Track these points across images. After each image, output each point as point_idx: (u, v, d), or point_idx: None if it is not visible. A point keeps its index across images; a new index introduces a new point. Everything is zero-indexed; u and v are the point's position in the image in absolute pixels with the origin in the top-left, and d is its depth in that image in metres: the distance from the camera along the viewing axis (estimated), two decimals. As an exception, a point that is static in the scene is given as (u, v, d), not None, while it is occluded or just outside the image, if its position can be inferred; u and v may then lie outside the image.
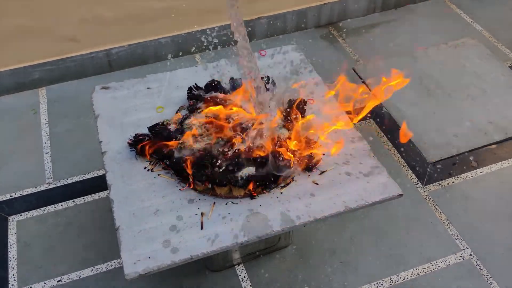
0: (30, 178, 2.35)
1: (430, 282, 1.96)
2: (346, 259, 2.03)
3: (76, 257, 2.05)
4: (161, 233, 1.49)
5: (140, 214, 1.54)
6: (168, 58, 2.99)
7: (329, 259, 2.03)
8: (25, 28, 2.60)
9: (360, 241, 2.09)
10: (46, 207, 2.24)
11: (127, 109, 1.88)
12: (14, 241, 2.12)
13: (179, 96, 1.92)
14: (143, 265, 1.41)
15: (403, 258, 2.04)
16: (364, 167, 1.67)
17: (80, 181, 2.34)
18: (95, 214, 2.20)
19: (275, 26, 3.12)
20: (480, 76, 2.62)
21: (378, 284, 1.96)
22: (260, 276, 1.97)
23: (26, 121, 2.64)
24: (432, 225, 2.15)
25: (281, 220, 1.51)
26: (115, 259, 2.04)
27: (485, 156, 2.38)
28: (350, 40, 3.14)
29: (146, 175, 1.65)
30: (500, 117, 2.41)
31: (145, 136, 1.71)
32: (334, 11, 3.22)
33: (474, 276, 1.97)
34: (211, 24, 2.96)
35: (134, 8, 2.73)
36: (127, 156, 1.71)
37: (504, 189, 2.28)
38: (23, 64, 2.74)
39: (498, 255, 2.04)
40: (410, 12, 3.35)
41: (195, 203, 1.57)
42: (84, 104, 2.71)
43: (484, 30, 3.18)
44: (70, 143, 2.51)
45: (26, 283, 1.98)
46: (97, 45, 2.81)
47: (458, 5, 3.39)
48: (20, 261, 2.05)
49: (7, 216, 2.21)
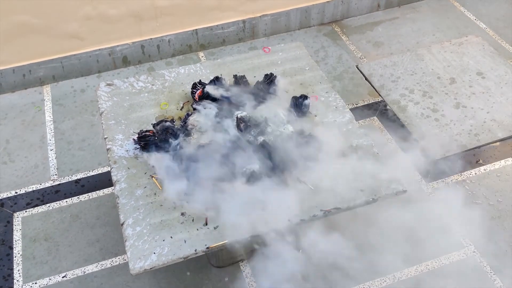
0: (34, 175, 2.36)
1: (434, 278, 1.96)
2: (348, 255, 2.03)
3: (80, 253, 2.06)
4: (166, 228, 1.50)
5: (145, 210, 1.55)
6: (172, 56, 3.00)
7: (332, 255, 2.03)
8: (29, 26, 2.61)
9: (363, 237, 2.10)
10: (51, 204, 2.25)
11: (132, 106, 1.89)
12: (19, 237, 2.13)
13: (183, 93, 1.93)
14: (148, 260, 1.42)
15: (407, 254, 2.04)
16: (368, 163, 1.67)
17: (84, 177, 2.35)
18: (100, 210, 2.21)
19: (279, 24, 3.13)
20: (484, 74, 2.62)
21: (381, 280, 1.96)
22: (263, 272, 1.98)
23: (30, 118, 2.65)
24: (435, 221, 2.15)
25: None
26: (119, 255, 2.05)
27: (489, 153, 2.38)
28: (353, 37, 3.14)
29: (150, 171, 1.65)
30: (504, 115, 2.41)
31: (150, 132, 1.72)
32: (337, 9, 3.22)
33: (478, 273, 1.97)
34: (214, 22, 2.97)
35: (137, 6, 2.74)
36: (132, 152, 1.72)
37: (508, 186, 2.28)
38: (27, 62, 2.75)
39: (502, 252, 2.04)
40: (413, 9, 3.35)
41: (198, 199, 1.57)
42: (88, 101, 2.72)
43: (488, 28, 3.18)
44: (74, 140, 2.52)
45: (31, 278, 1.99)
46: (101, 42, 2.82)
47: (462, 3, 3.39)
48: (25, 257, 2.06)
49: (12, 213, 2.22)
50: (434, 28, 3.18)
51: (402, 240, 2.08)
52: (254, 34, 3.11)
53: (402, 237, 2.09)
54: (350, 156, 1.71)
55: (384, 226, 2.15)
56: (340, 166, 1.67)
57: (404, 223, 2.14)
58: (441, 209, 2.20)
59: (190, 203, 1.56)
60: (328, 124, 1.81)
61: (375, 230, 2.13)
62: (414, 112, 2.44)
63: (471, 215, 2.18)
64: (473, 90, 2.54)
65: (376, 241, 2.09)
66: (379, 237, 2.10)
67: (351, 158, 1.71)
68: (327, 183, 1.62)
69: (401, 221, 2.15)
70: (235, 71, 2.00)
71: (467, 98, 2.50)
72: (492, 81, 2.58)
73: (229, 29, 3.02)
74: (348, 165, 1.68)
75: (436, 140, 2.30)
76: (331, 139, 1.73)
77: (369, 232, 2.12)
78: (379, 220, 2.17)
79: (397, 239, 2.09)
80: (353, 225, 2.17)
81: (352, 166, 1.67)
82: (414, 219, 2.16)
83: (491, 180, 2.32)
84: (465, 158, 2.32)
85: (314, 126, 1.78)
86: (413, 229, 2.12)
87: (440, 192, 2.27)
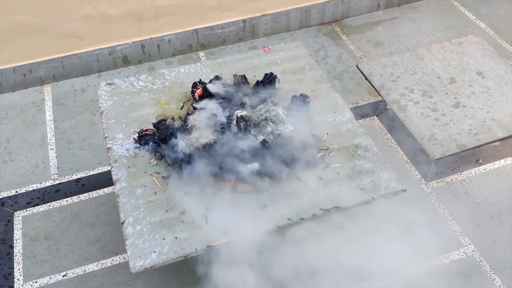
0: (35, 174, 2.36)
1: (434, 278, 1.96)
2: (348, 254, 2.03)
3: (81, 252, 2.07)
4: (166, 227, 1.50)
5: (145, 209, 1.55)
6: (172, 55, 3.00)
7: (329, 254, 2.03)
8: (30, 26, 2.61)
9: (363, 236, 2.10)
10: (51, 203, 2.25)
11: (132, 105, 1.89)
12: (20, 236, 2.13)
13: (183, 92, 1.93)
14: (148, 259, 1.42)
15: (407, 253, 2.04)
16: (367, 163, 1.68)
17: (85, 176, 2.35)
18: (100, 210, 2.21)
19: (279, 23, 3.13)
20: (484, 74, 2.63)
21: (381, 279, 1.96)
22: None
23: (31, 117, 2.65)
24: (435, 221, 2.15)
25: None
26: (119, 254, 2.05)
27: (489, 153, 2.39)
28: (353, 37, 3.14)
29: (151, 170, 1.66)
30: (503, 114, 2.41)
31: (150, 131, 1.72)
32: (337, 9, 3.23)
33: (477, 272, 1.98)
34: (215, 22, 2.97)
35: (138, 6, 2.74)
36: (132, 151, 1.72)
37: (507, 185, 2.29)
38: (28, 61, 2.75)
39: (501, 251, 2.05)
40: (413, 9, 3.35)
41: (199, 198, 1.58)
42: (88, 100, 2.72)
43: (488, 28, 3.18)
44: (75, 139, 2.52)
45: (32, 277, 2.00)
46: (102, 42, 2.82)
47: (462, 3, 3.39)
48: (25, 256, 2.06)
49: (13, 212, 2.22)
50: (434, 28, 3.18)
51: (401, 240, 2.08)
52: (254, 34, 3.12)
53: (401, 237, 2.10)
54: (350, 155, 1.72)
55: (384, 226, 2.15)
56: (339, 165, 1.68)
57: (404, 222, 2.15)
58: (440, 209, 2.20)
59: (190, 202, 1.57)
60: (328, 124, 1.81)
61: (374, 229, 2.13)
62: (414, 111, 2.45)
63: (471, 215, 2.18)
64: (473, 89, 2.55)
65: (376, 241, 2.09)
66: (379, 236, 2.10)
67: (351, 157, 1.71)
68: (327, 182, 1.63)
69: (401, 220, 2.15)
70: (235, 71, 2.00)
71: (467, 97, 2.51)
72: (492, 81, 2.58)
73: (229, 29, 3.02)
74: (348, 164, 1.68)
75: (435, 139, 2.31)
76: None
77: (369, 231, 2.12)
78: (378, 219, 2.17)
79: (397, 239, 2.09)
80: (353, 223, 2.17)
81: (352, 165, 1.68)
82: (414, 218, 2.17)
83: (490, 179, 2.32)
84: (464, 157, 2.33)
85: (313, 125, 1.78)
86: (413, 229, 2.13)
87: (439, 191, 2.27)
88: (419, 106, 2.47)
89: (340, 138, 1.76)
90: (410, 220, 2.16)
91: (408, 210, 2.18)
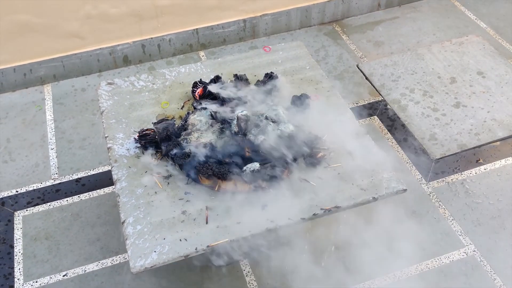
0: (35, 174, 2.36)
1: (434, 278, 1.96)
2: (350, 254, 2.03)
3: (81, 251, 2.07)
4: (167, 227, 1.50)
5: (146, 209, 1.55)
6: (173, 55, 3.00)
7: (332, 254, 2.03)
8: (30, 26, 2.61)
9: (363, 236, 2.10)
10: (52, 202, 2.25)
11: (132, 105, 1.89)
12: (20, 236, 2.13)
13: (184, 92, 1.93)
14: (149, 259, 1.42)
15: (407, 253, 2.04)
16: (368, 162, 1.68)
17: (85, 176, 2.35)
18: (100, 209, 2.21)
19: (280, 23, 3.13)
20: (484, 73, 2.62)
21: (381, 279, 1.96)
22: (264, 270, 1.98)
23: (31, 117, 2.65)
24: (435, 221, 2.15)
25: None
26: (120, 254, 2.05)
27: (489, 152, 2.39)
28: (354, 37, 3.14)
29: (151, 170, 1.66)
30: (504, 114, 2.41)
31: (151, 131, 1.72)
32: (338, 8, 3.22)
33: (478, 272, 1.98)
34: (215, 21, 2.97)
35: (138, 5, 2.74)
36: (132, 151, 1.72)
37: (508, 185, 2.29)
38: (28, 61, 2.75)
39: (502, 251, 2.05)
40: (414, 9, 3.35)
41: (199, 198, 1.58)
42: (89, 100, 2.72)
43: (489, 27, 3.18)
44: (75, 139, 2.52)
45: (32, 277, 1.99)
46: (102, 41, 2.82)
47: (463, 2, 3.39)
48: (25, 256, 2.06)
49: (13, 211, 2.22)
50: (434, 28, 3.18)
51: (401, 239, 2.08)
52: (254, 34, 3.12)
53: (401, 236, 2.10)
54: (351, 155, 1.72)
55: (383, 225, 2.15)
56: (340, 165, 1.68)
57: (404, 222, 2.15)
58: (441, 208, 2.20)
59: (190, 201, 1.57)
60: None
61: (374, 228, 2.13)
62: (415, 111, 2.45)
63: (472, 214, 2.18)
64: (474, 89, 2.54)
65: (376, 240, 2.09)
66: (378, 236, 2.10)
67: (352, 157, 1.71)
68: (328, 182, 1.63)
69: (401, 220, 2.15)
70: (236, 70, 2.00)
71: (467, 97, 2.51)
72: (492, 81, 2.58)
73: (229, 29, 3.02)
74: (349, 164, 1.68)
75: (436, 139, 2.31)
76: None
77: (368, 230, 2.12)
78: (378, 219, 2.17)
79: (396, 238, 2.09)
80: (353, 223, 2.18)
81: (352, 165, 1.68)
82: (414, 218, 2.17)
83: (491, 179, 2.32)
84: (465, 157, 2.33)
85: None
86: (412, 228, 2.13)
87: (440, 191, 2.27)
88: (419, 106, 2.47)
89: (340, 138, 1.75)
90: (411, 219, 2.16)
91: (408, 210, 2.19)
